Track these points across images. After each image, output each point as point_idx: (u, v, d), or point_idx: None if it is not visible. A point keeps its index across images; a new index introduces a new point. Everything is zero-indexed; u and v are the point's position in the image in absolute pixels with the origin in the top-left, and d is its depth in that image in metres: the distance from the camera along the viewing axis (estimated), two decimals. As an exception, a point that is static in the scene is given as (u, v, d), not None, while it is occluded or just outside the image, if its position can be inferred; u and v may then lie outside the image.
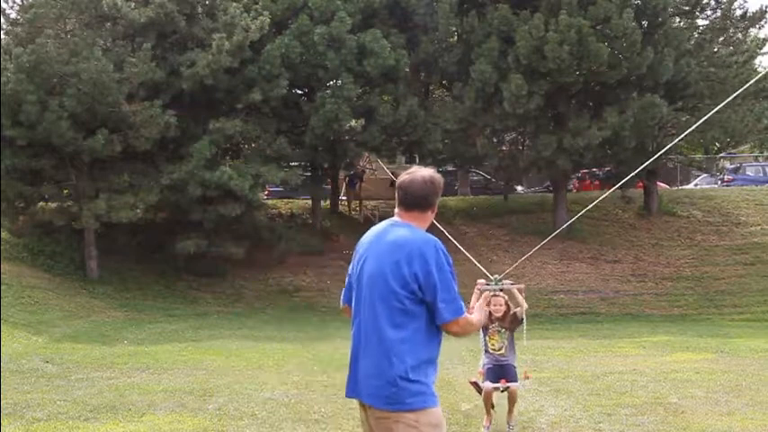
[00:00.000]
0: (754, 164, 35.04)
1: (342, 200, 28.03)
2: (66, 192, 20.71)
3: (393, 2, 22.99)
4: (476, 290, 5.72)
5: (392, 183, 27.69)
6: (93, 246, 20.35)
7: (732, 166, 34.91)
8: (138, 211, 19.40)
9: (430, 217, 3.71)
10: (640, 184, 26.68)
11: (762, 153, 38.79)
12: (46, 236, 20.82)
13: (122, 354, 12.32)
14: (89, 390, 9.13)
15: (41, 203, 20.46)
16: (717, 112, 23.90)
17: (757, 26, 25.88)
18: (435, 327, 3.56)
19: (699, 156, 31.46)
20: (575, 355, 12.71)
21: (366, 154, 26.83)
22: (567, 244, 24.13)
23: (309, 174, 24.77)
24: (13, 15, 20.65)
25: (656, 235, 25.36)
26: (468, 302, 5.11)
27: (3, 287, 16.79)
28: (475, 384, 7.15)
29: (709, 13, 25.10)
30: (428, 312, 3.52)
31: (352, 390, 3.67)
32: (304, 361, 11.92)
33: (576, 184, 32.44)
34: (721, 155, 35.72)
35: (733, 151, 38.18)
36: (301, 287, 22.42)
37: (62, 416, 7.64)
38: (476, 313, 4.06)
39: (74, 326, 15.99)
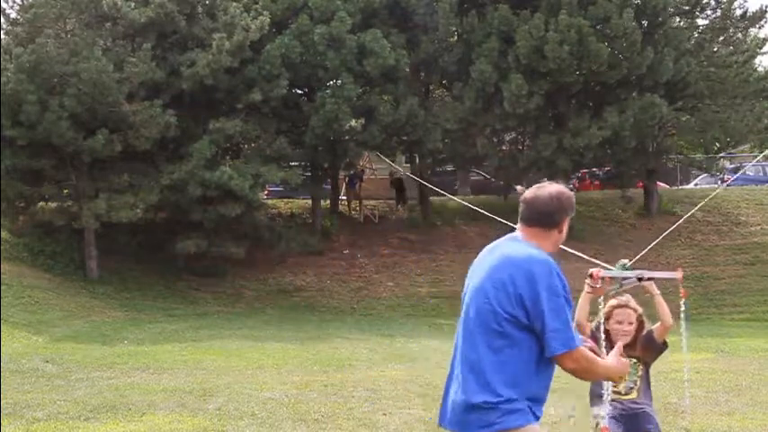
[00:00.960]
0: (755, 164, 34.98)
1: (342, 200, 28.02)
2: (66, 192, 20.70)
3: (393, 2, 22.98)
4: (587, 286, 4.16)
5: (392, 182, 27.80)
6: (93, 246, 20.34)
7: (732, 166, 34.88)
8: (138, 211, 19.39)
9: (556, 237, 3.36)
10: (640, 183, 26.70)
11: (762, 153, 38.72)
12: (46, 236, 20.81)
13: (122, 354, 12.33)
14: (89, 390, 9.13)
15: (41, 203, 20.46)
16: (716, 111, 24.17)
17: (757, 26, 25.90)
18: (544, 362, 3.13)
19: (699, 156, 31.45)
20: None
21: (366, 153, 26.83)
22: (567, 244, 24.07)
23: (309, 174, 24.77)
24: (13, 15, 20.67)
25: (656, 235, 25.34)
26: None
27: (3, 287, 16.79)
28: None
29: (709, 12, 25.11)
30: (535, 342, 3.11)
31: (442, 416, 3.31)
32: (304, 361, 11.92)
33: (576, 184, 32.42)
34: (721, 155, 35.70)
35: (733, 151, 38.16)
36: (301, 287, 22.41)
37: (62, 416, 7.64)
38: (610, 357, 3.36)
39: (74, 326, 16.00)
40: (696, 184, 33.57)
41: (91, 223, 19.42)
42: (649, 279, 4.35)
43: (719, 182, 30.56)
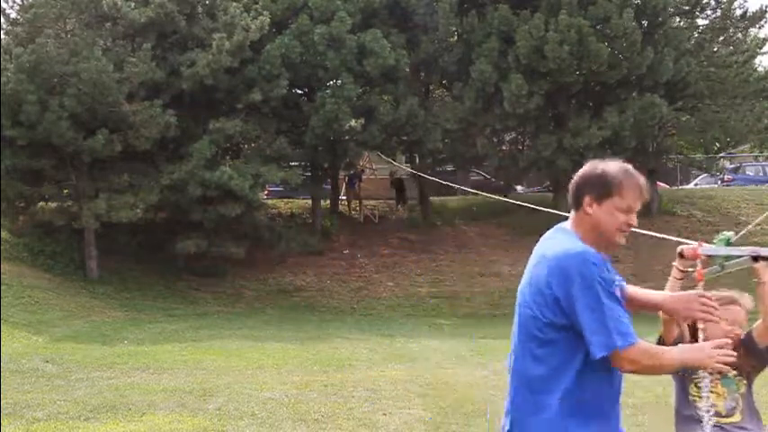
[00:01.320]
0: (754, 164, 35.03)
1: (342, 200, 28.05)
2: (66, 192, 20.71)
3: (393, 2, 23.00)
4: (675, 270, 3.32)
5: (392, 182, 27.80)
6: (93, 246, 20.35)
7: (732, 166, 34.91)
8: (138, 211, 19.40)
9: (586, 219, 2.83)
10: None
11: (762, 153, 38.79)
12: (46, 236, 20.81)
13: (122, 354, 12.32)
14: (89, 390, 9.13)
15: (41, 203, 20.46)
16: (716, 111, 24.18)
17: (757, 26, 25.92)
18: (600, 369, 2.72)
19: (699, 156, 31.46)
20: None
21: (366, 153, 26.83)
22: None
23: (309, 174, 24.79)
24: (13, 15, 20.67)
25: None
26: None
27: (3, 287, 16.79)
28: None
29: (709, 12, 25.14)
30: (583, 347, 2.72)
31: None
32: (304, 361, 11.92)
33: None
34: (721, 155, 35.72)
35: (733, 151, 38.16)
36: (301, 287, 22.42)
37: (62, 416, 7.64)
38: (687, 350, 2.83)
39: (74, 326, 15.99)
40: (696, 184, 33.59)
41: (91, 223, 19.43)
42: (766, 259, 3.26)
43: None
